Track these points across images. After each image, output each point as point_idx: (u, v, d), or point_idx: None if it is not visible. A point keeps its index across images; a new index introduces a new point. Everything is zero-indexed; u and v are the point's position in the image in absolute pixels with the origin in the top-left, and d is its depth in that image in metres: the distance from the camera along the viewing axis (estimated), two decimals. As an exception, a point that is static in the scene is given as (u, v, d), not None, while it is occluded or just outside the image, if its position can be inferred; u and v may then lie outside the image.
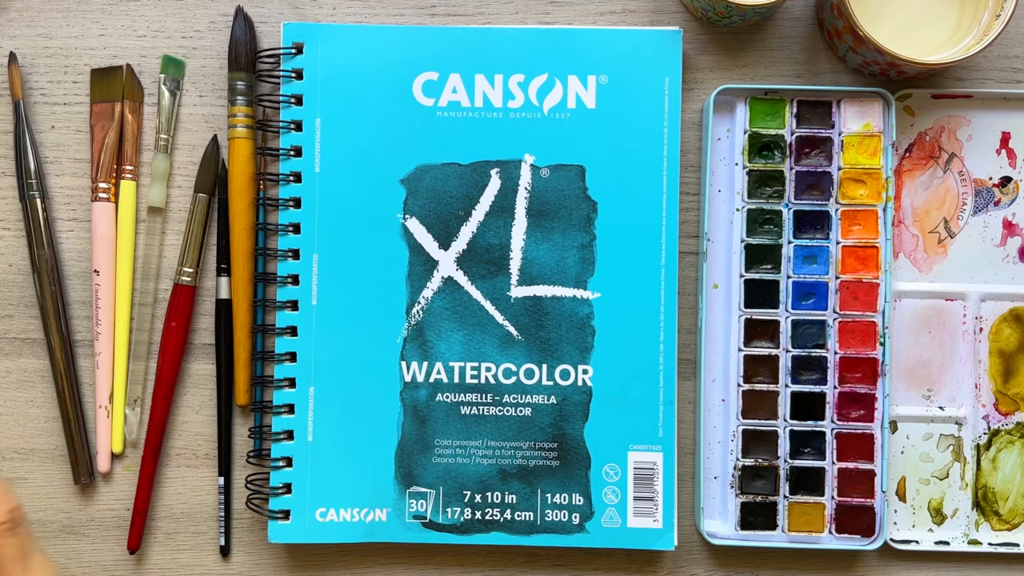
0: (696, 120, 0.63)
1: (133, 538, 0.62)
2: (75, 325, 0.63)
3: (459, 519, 0.61)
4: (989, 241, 0.62)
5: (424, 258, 0.61)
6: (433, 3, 0.63)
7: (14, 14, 0.64)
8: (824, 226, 0.61)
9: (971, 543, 0.61)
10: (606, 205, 0.61)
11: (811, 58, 0.63)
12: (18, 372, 0.63)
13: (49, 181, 0.63)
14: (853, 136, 0.61)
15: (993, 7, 0.59)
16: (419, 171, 0.61)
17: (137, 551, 0.62)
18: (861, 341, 0.61)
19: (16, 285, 0.63)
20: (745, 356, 0.61)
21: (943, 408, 0.62)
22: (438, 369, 0.61)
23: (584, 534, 0.60)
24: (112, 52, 0.63)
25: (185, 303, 0.62)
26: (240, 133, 0.62)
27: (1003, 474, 0.61)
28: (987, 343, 0.62)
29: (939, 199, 0.62)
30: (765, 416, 0.61)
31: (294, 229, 0.61)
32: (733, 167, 0.62)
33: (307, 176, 0.62)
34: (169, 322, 0.62)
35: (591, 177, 0.61)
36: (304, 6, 0.63)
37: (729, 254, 0.62)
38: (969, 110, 0.62)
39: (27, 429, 0.63)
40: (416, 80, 0.62)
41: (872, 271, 0.61)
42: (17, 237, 0.63)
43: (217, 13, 0.63)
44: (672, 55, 0.61)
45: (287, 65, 0.62)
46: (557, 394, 0.61)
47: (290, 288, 0.61)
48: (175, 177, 0.63)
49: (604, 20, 0.63)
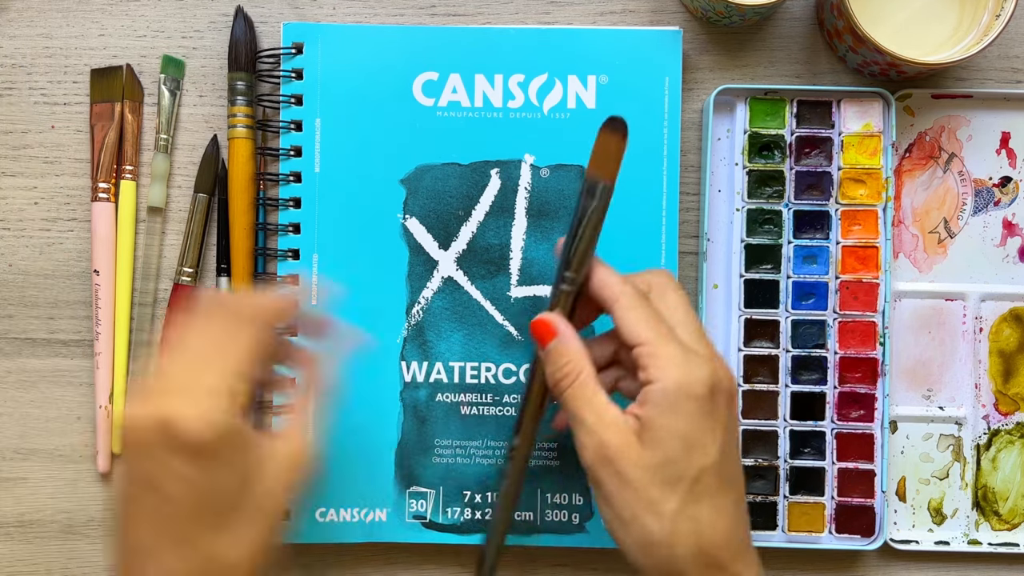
0: (696, 120, 0.63)
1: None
2: (75, 325, 0.63)
3: (459, 519, 0.61)
4: (989, 241, 0.62)
5: (424, 258, 0.61)
6: (433, 3, 0.63)
7: (14, 14, 0.64)
8: (824, 226, 0.61)
9: (971, 543, 0.61)
10: (606, 205, 0.61)
11: (811, 58, 0.63)
12: (18, 372, 0.63)
13: (49, 181, 0.63)
14: (853, 136, 0.61)
15: (993, 7, 0.59)
16: (419, 171, 0.61)
17: None
18: (861, 341, 0.61)
19: (16, 285, 0.63)
20: (745, 356, 0.61)
21: (943, 408, 0.62)
22: (438, 369, 0.61)
23: (584, 534, 0.61)
24: (112, 52, 0.63)
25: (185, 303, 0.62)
26: (240, 133, 0.62)
27: (1003, 474, 0.61)
28: (987, 343, 0.62)
29: (939, 199, 0.62)
30: (765, 416, 0.61)
31: (294, 229, 0.61)
32: (733, 167, 0.62)
33: (307, 176, 0.62)
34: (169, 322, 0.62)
35: (591, 177, 0.61)
36: (304, 6, 0.63)
37: (729, 254, 0.62)
38: (969, 110, 0.62)
39: (27, 429, 0.63)
40: (416, 80, 0.62)
41: (872, 271, 0.61)
42: (17, 237, 0.63)
43: (217, 13, 0.63)
44: (672, 55, 0.61)
45: (287, 65, 0.62)
46: (557, 394, 0.61)
47: (290, 288, 0.61)
48: (175, 177, 0.63)
49: (604, 20, 0.63)
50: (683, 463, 0.46)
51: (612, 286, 0.50)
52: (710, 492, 0.46)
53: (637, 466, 0.46)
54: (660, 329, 0.48)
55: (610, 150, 0.51)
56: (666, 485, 0.46)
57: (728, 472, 0.47)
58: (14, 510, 0.63)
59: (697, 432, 0.46)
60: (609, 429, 0.47)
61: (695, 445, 0.46)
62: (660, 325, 0.48)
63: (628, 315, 0.49)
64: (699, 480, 0.46)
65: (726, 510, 0.47)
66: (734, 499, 0.48)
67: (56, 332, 0.63)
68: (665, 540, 0.46)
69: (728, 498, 0.47)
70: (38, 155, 0.63)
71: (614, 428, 0.47)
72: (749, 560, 0.48)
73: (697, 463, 0.46)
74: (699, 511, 0.46)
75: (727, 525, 0.47)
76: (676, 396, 0.46)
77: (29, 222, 0.63)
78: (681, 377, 0.46)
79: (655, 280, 0.51)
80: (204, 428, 0.44)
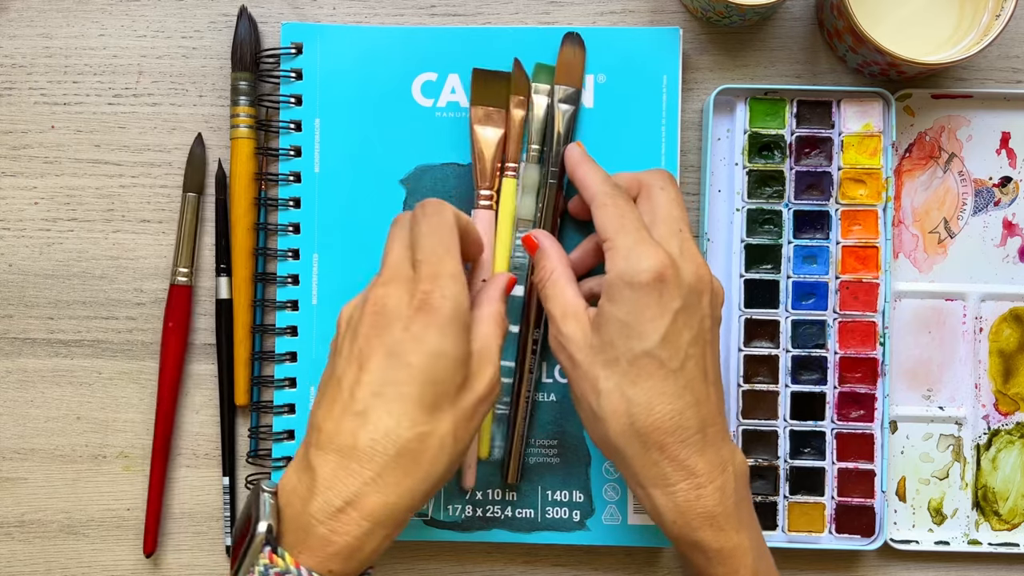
0: (696, 120, 0.63)
1: (148, 542, 0.62)
2: (75, 325, 0.63)
3: (460, 516, 0.61)
4: (989, 241, 0.62)
5: (424, 258, 0.61)
6: (433, 3, 0.63)
7: (14, 14, 0.64)
8: (824, 226, 0.61)
9: (971, 543, 0.61)
10: (606, 205, 0.61)
11: (811, 58, 0.63)
12: (18, 372, 0.63)
13: (48, 181, 0.63)
14: (853, 136, 0.61)
15: (993, 7, 0.59)
16: (419, 171, 0.61)
17: (153, 554, 0.62)
18: (861, 341, 0.61)
19: (16, 285, 0.63)
20: (745, 356, 0.61)
21: (943, 408, 0.62)
22: (438, 369, 0.61)
23: (585, 531, 0.61)
24: (112, 52, 0.63)
25: (182, 303, 0.62)
26: (242, 133, 0.62)
27: (1003, 474, 0.62)
28: (987, 343, 0.62)
29: (939, 199, 0.62)
30: (765, 416, 0.61)
31: (294, 229, 0.62)
32: (733, 167, 0.62)
33: (307, 176, 0.62)
34: (167, 323, 0.62)
35: (591, 177, 0.61)
36: (304, 6, 0.63)
37: (729, 254, 0.62)
38: (969, 110, 0.62)
39: (27, 429, 0.63)
40: (415, 81, 0.62)
41: (872, 271, 0.61)
42: (17, 237, 0.63)
43: (217, 13, 0.63)
44: (670, 53, 0.61)
45: (287, 65, 0.62)
46: (557, 392, 0.61)
47: (290, 288, 0.61)
48: (173, 177, 0.63)
49: (604, 20, 0.63)
50: (621, 346, 0.49)
51: (592, 186, 0.54)
52: (647, 375, 0.49)
53: (582, 349, 0.51)
54: (624, 223, 0.51)
55: (574, 61, 0.60)
56: (605, 366, 0.50)
57: (675, 361, 0.49)
58: (14, 510, 0.63)
59: (635, 318, 0.49)
60: (568, 318, 0.52)
61: (632, 330, 0.49)
62: (627, 220, 0.51)
63: (599, 212, 0.52)
64: (634, 363, 0.49)
65: (666, 394, 0.49)
66: (682, 386, 0.49)
67: (56, 332, 0.63)
68: (601, 415, 0.50)
69: (672, 384, 0.49)
70: (38, 155, 0.63)
71: (573, 318, 0.52)
72: (710, 455, 0.50)
73: (634, 347, 0.49)
74: (634, 392, 0.49)
75: (667, 410, 0.49)
76: (619, 284, 0.49)
77: (29, 222, 0.63)
78: (624, 267, 0.49)
79: (648, 179, 0.54)
80: (453, 302, 0.48)
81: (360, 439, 0.46)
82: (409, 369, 0.47)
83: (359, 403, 0.47)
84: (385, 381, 0.47)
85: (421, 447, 0.47)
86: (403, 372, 0.47)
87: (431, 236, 0.50)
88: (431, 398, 0.47)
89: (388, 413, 0.46)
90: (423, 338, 0.47)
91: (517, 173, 0.61)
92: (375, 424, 0.46)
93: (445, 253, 0.49)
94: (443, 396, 0.48)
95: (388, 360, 0.47)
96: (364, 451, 0.46)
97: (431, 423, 0.47)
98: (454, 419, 0.48)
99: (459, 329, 0.48)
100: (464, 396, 0.49)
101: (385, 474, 0.46)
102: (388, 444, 0.46)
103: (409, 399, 0.47)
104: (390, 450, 0.46)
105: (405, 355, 0.47)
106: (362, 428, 0.46)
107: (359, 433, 0.46)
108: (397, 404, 0.47)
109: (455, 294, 0.48)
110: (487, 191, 0.60)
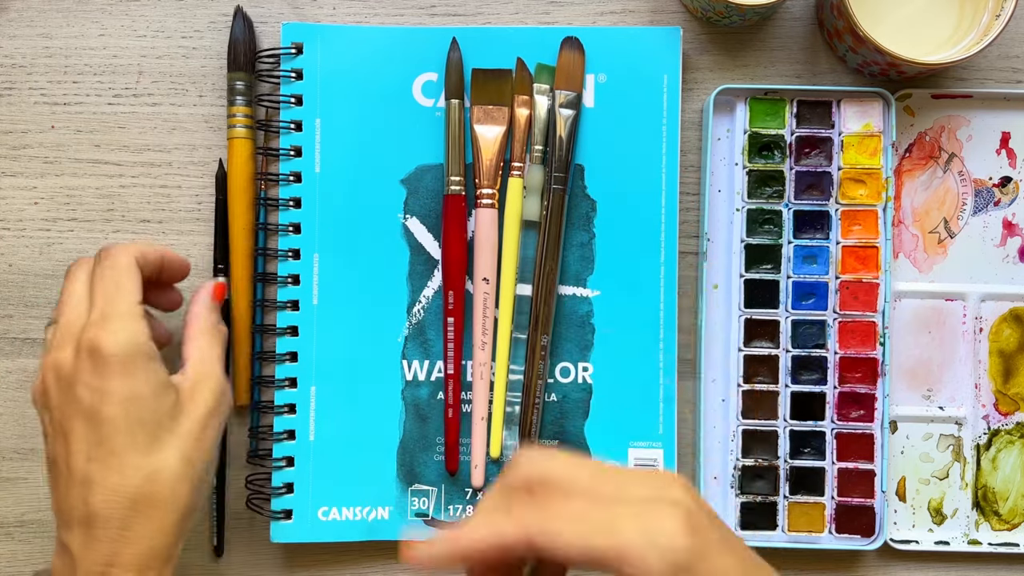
0: (696, 120, 0.63)
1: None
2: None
3: (461, 517, 0.61)
4: (989, 241, 0.62)
5: (425, 257, 0.61)
6: (433, 3, 0.63)
7: (14, 14, 0.63)
8: (824, 226, 0.61)
9: (971, 543, 0.61)
10: (605, 204, 0.61)
11: (811, 58, 0.63)
12: (18, 372, 0.63)
13: (48, 181, 0.63)
14: (853, 136, 0.61)
15: (993, 7, 0.59)
16: (419, 171, 0.62)
17: None
18: (861, 341, 0.61)
19: (16, 285, 0.63)
20: (745, 356, 0.61)
21: (943, 408, 0.62)
22: (439, 368, 0.61)
23: (584, 534, 0.60)
24: (112, 52, 0.63)
25: None
26: (240, 133, 0.62)
27: (1003, 474, 0.62)
28: (987, 343, 0.62)
29: (939, 199, 0.62)
30: (765, 416, 0.61)
31: (294, 229, 0.61)
32: (733, 167, 0.62)
33: (307, 176, 0.62)
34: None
35: (590, 176, 0.61)
36: (304, 6, 0.63)
37: (729, 254, 0.62)
38: (969, 110, 0.62)
39: (27, 429, 0.63)
40: (416, 81, 0.62)
41: (872, 271, 0.61)
42: (17, 237, 0.63)
43: (217, 13, 0.63)
44: (671, 53, 0.61)
45: (287, 65, 0.62)
46: (557, 391, 0.61)
47: (291, 288, 0.61)
48: (172, 177, 0.63)
49: (604, 20, 0.63)
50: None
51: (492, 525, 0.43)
52: None
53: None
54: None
55: (573, 65, 0.60)
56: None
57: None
58: (14, 510, 0.63)
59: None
60: None
61: None
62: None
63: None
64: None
65: None
66: None
67: (56, 332, 0.63)
68: None
69: None
70: (38, 155, 0.63)
71: None
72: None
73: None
74: None
75: None
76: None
77: (29, 222, 0.63)
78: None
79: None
80: (125, 342, 0.48)
81: (93, 505, 0.48)
82: (110, 423, 0.48)
83: (78, 473, 0.48)
84: (92, 443, 0.48)
85: (153, 487, 0.48)
86: (105, 428, 0.48)
87: (101, 281, 0.51)
88: (144, 438, 0.48)
89: (108, 470, 0.48)
90: (108, 389, 0.48)
91: (522, 172, 0.61)
92: (101, 485, 0.48)
93: (116, 292, 0.50)
94: (157, 429, 0.49)
95: (87, 423, 0.48)
96: (101, 514, 0.48)
97: (155, 461, 0.49)
98: (180, 445, 0.49)
99: (143, 362, 0.49)
100: (183, 420, 0.50)
101: (130, 525, 0.48)
102: (120, 498, 0.48)
103: (122, 449, 0.48)
104: (124, 503, 0.48)
105: (99, 411, 0.48)
106: (91, 494, 0.48)
107: (90, 500, 0.48)
108: (114, 459, 0.48)
109: (127, 329, 0.49)
110: (488, 190, 0.60)
